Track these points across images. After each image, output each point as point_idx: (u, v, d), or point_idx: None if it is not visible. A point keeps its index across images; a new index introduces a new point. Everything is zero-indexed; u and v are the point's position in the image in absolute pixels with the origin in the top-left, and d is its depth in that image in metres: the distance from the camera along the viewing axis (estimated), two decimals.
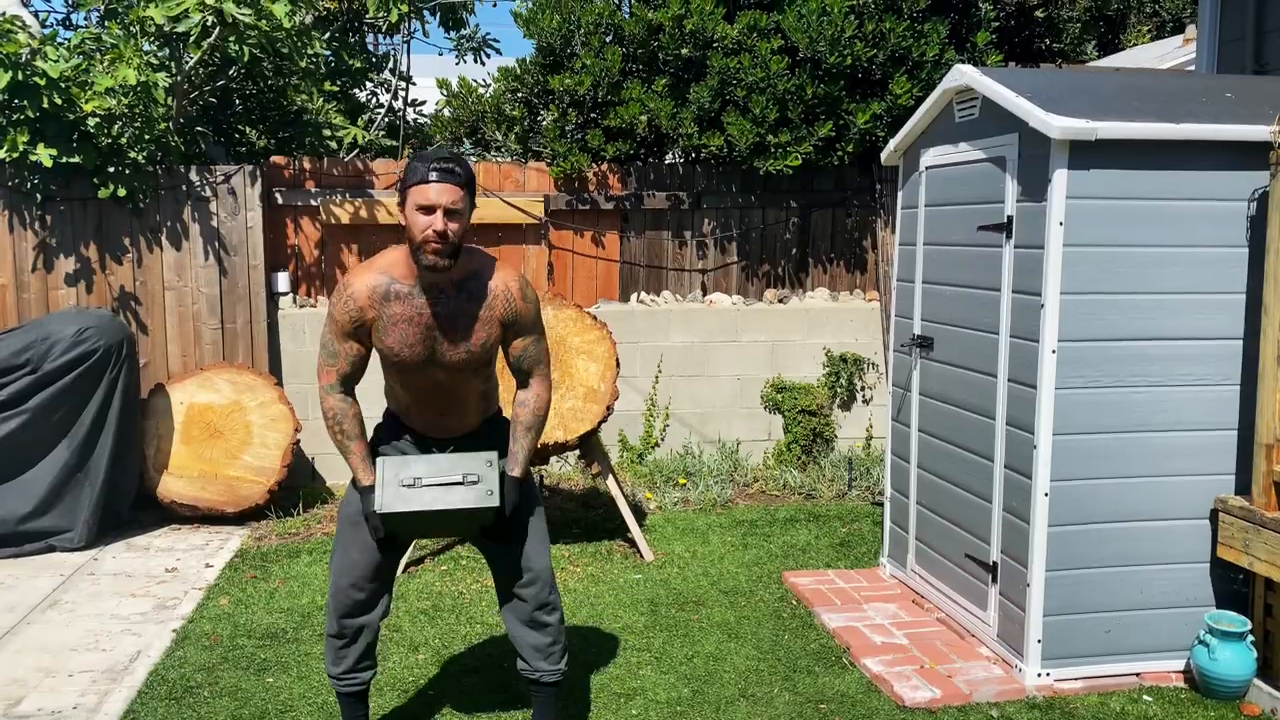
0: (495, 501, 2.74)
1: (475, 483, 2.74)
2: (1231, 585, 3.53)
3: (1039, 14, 7.05)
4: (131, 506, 5.27)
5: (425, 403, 2.86)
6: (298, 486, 5.75)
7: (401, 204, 2.67)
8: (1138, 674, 3.54)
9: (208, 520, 5.33)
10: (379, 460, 2.78)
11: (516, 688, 3.44)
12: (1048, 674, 3.48)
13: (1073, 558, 3.45)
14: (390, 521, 2.75)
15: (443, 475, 2.75)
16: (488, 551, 2.95)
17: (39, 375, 4.89)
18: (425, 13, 6.93)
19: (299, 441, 5.54)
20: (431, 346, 2.73)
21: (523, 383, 2.91)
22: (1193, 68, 5.99)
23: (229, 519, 5.32)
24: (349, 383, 2.81)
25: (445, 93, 8.10)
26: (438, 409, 2.87)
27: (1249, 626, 3.37)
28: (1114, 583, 3.49)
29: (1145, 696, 3.43)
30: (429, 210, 2.60)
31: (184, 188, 5.72)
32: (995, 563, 3.69)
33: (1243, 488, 3.47)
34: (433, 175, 2.61)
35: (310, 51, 5.94)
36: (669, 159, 6.82)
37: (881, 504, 4.71)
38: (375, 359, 2.82)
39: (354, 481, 2.86)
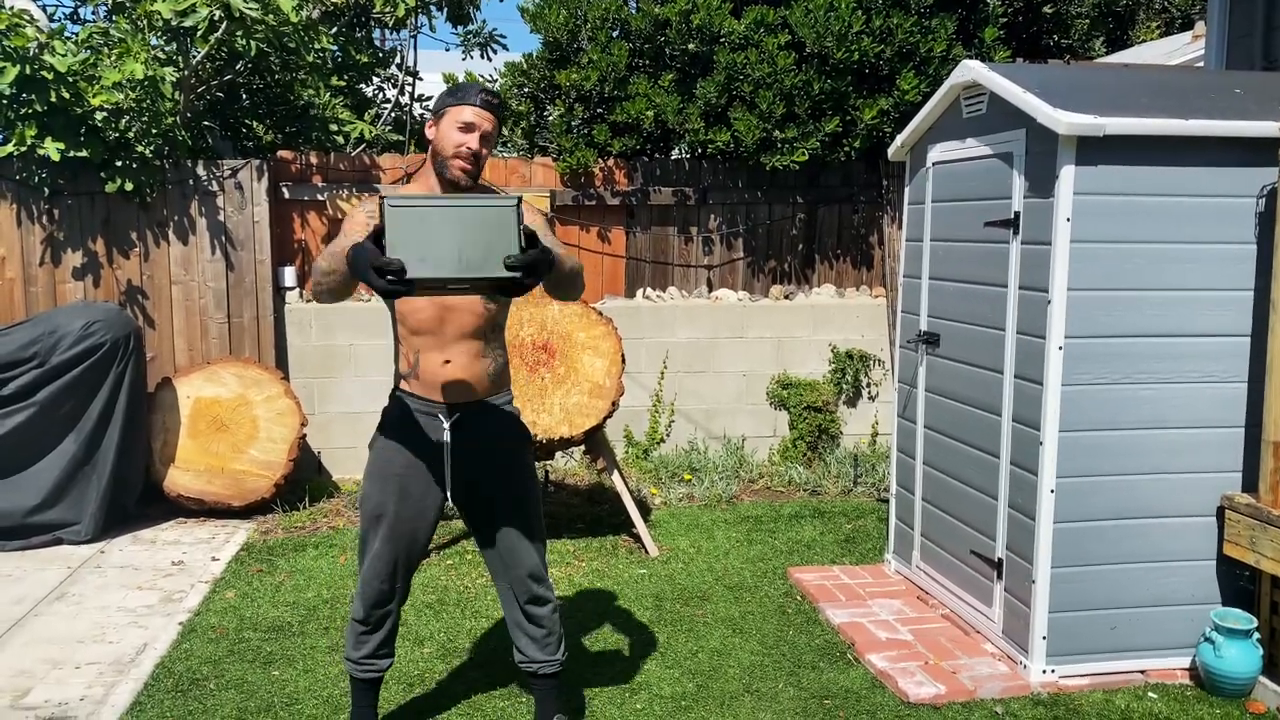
0: (515, 250, 2.32)
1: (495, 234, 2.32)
2: (1238, 583, 3.53)
3: (1047, 10, 7.02)
4: (138, 500, 5.29)
5: (431, 346, 2.79)
6: (304, 481, 5.76)
7: (435, 121, 2.77)
8: (1143, 671, 3.53)
9: (214, 514, 5.34)
10: (387, 206, 2.34)
11: (522, 682, 3.44)
12: (1053, 671, 3.48)
13: (1078, 554, 3.45)
14: (404, 289, 2.33)
15: (460, 221, 2.31)
16: (480, 543, 2.95)
17: (46, 369, 4.90)
18: (432, 8, 6.93)
19: (305, 436, 5.55)
20: None
21: None
22: (1201, 64, 5.97)
23: (235, 513, 5.33)
24: None
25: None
26: (444, 355, 2.79)
27: (1255, 624, 3.36)
28: (1120, 580, 3.49)
29: (1150, 694, 3.43)
30: (469, 129, 2.73)
31: (191, 182, 5.73)
32: (1001, 559, 3.69)
33: (1249, 485, 3.46)
34: (479, 99, 2.75)
35: (317, 46, 5.94)
36: (675, 155, 6.81)
37: (887, 500, 4.71)
38: (383, 339, 2.79)
39: (351, 254, 2.39)
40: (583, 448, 5.06)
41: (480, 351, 2.84)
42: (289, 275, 5.99)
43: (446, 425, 2.82)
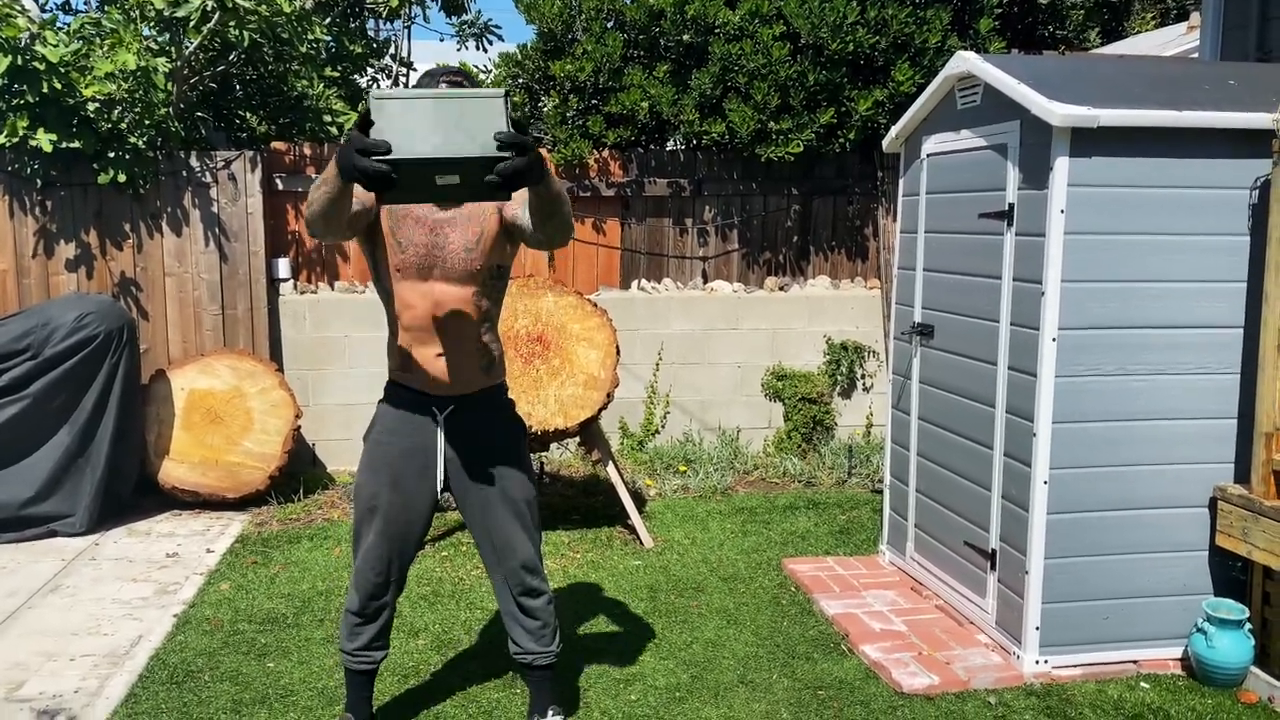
0: (504, 146, 2.25)
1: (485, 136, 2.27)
2: (1230, 573, 3.54)
3: (1042, 1, 7.02)
4: (133, 492, 5.28)
5: (424, 336, 2.79)
6: (299, 473, 5.76)
7: None
8: (1135, 661, 3.55)
9: (209, 506, 5.34)
10: (374, 104, 2.29)
11: (516, 672, 3.45)
12: (1046, 661, 3.49)
13: (1071, 545, 3.46)
14: (389, 171, 2.24)
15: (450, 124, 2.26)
16: (477, 536, 2.95)
17: (40, 361, 4.89)
18: None
19: (300, 428, 5.54)
20: (432, 246, 2.73)
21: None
22: (1196, 55, 5.97)
23: (230, 505, 5.33)
24: None
25: None
26: (437, 346, 2.79)
27: (1247, 614, 3.38)
28: (1112, 570, 3.50)
29: (1143, 684, 3.44)
30: None
31: (184, 173, 5.71)
32: (994, 550, 3.70)
33: (1242, 476, 3.47)
34: (443, 83, 2.74)
35: (311, 37, 5.92)
36: (670, 146, 6.80)
37: (881, 492, 4.72)
38: (379, 333, 2.79)
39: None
40: (578, 439, 5.07)
41: (474, 343, 2.83)
42: (283, 267, 5.98)
43: (441, 417, 2.82)
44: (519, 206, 2.74)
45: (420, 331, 2.80)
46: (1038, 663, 3.49)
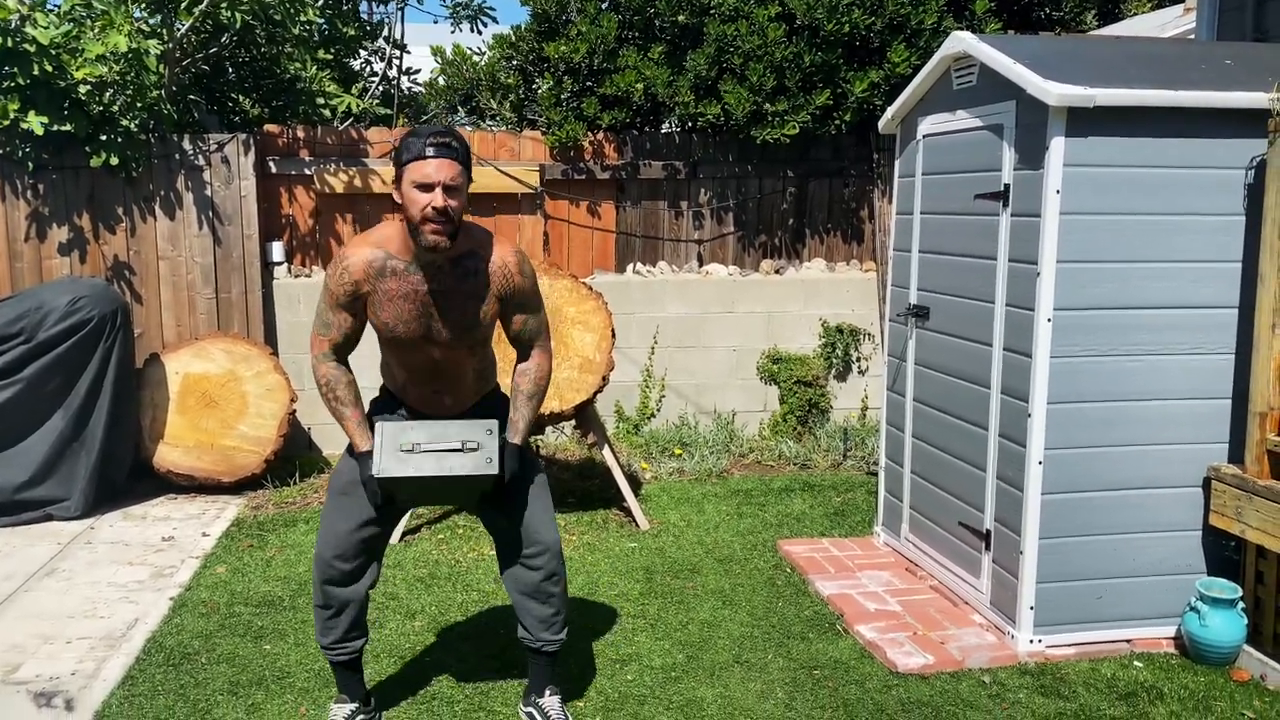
0: (494, 469, 2.74)
1: (475, 449, 2.74)
2: (1223, 553, 3.56)
3: None
4: (128, 476, 5.28)
5: (421, 379, 2.85)
6: (294, 456, 5.76)
7: (397, 182, 2.61)
8: (1129, 640, 3.57)
9: (204, 490, 5.34)
10: (378, 425, 2.77)
11: (512, 654, 3.46)
12: (1040, 640, 3.51)
13: (1066, 525, 3.47)
14: (388, 486, 2.75)
15: (442, 441, 2.74)
16: (491, 523, 2.95)
17: (33, 344, 4.87)
18: None
19: (295, 411, 5.54)
20: (427, 323, 2.72)
21: (524, 355, 2.91)
22: (1193, 37, 5.95)
23: (225, 488, 5.33)
24: (341, 352, 2.80)
25: (440, 61, 8.04)
26: (434, 386, 2.86)
27: (1240, 593, 3.39)
28: (1107, 550, 3.51)
29: (1136, 662, 3.46)
30: (428, 188, 2.55)
31: (177, 156, 5.68)
32: (989, 530, 3.71)
33: (1236, 456, 3.48)
34: (429, 151, 2.55)
35: (303, 19, 5.88)
36: (665, 128, 6.78)
37: (876, 474, 4.73)
38: (370, 334, 2.81)
39: (350, 450, 2.85)
40: (573, 423, 5.06)
41: (470, 377, 2.90)
42: (277, 250, 5.96)
43: None
44: (516, 328, 2.85)
45: (415, 374, 2.86)
46: (1032, 642, 3.50)
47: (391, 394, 2.94)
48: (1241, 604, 3.40)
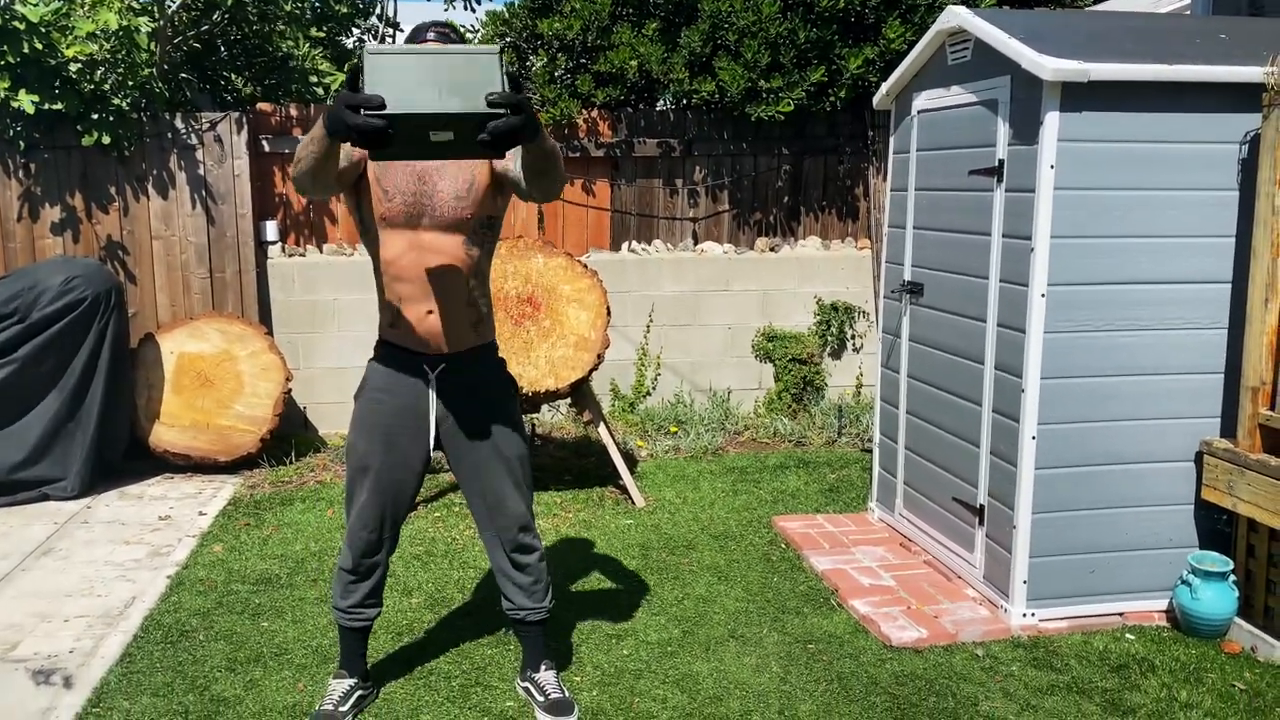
0: (495, 105, 2.23)
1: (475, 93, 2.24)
2: (1215, 526, 3.58)
3: None
4: (124, 456, 5.28)
5: (413, 291, 2.77)
6: (290, 435, 5.76)
7: None
8: (1121, 614, 3.59)
9: (200, 469, 5.35)
10: (368, 59, 2.25)
11: (508, 629, 3.48)
12: (1033, 614, 3.53)
13: (1059, 500, 3.49)
14: (377, 138, 2.21)
15: (439, 75, 2.23)
16: (469, 493, 2.95)
17: (27, 324, 4.87)
18: None
19: (290, 391, 5.54)
20: (421, 199, 2.71)
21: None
22: (1188, 12, 5.93)
23: (222, 468, 5.34)
24: None
25: None
26: (427, 303, 2.77)
27: (1231, 566, 3.42)
28: (1099, 524, 3.53)
29: (1128, 635, 3.49)
30: None
31: (169, 135, 5.66)
32: (982, 506, 3.73)
33: (1228, 430, 3.50)
34: (430, 35, 2.74)
35: None
36: (660, 106, 6.75)
37: (870, 451, 4.75)
38: (368, 314, 2.78)
39: (328, 108, 2.60)
40: (569, 400, 5.08)
41: (464, 301, 2.82)
42: (271, 229, 5.94)
43: (432, 375, 2.82)
44: (511, 159, 2.73)
45: (408, 284, 2.78)
46: (1025, 616, 3.53)
47: (388, 343, 2.88)
48: (1233, 577, 3.42)
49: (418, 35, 2.79)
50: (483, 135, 2.24)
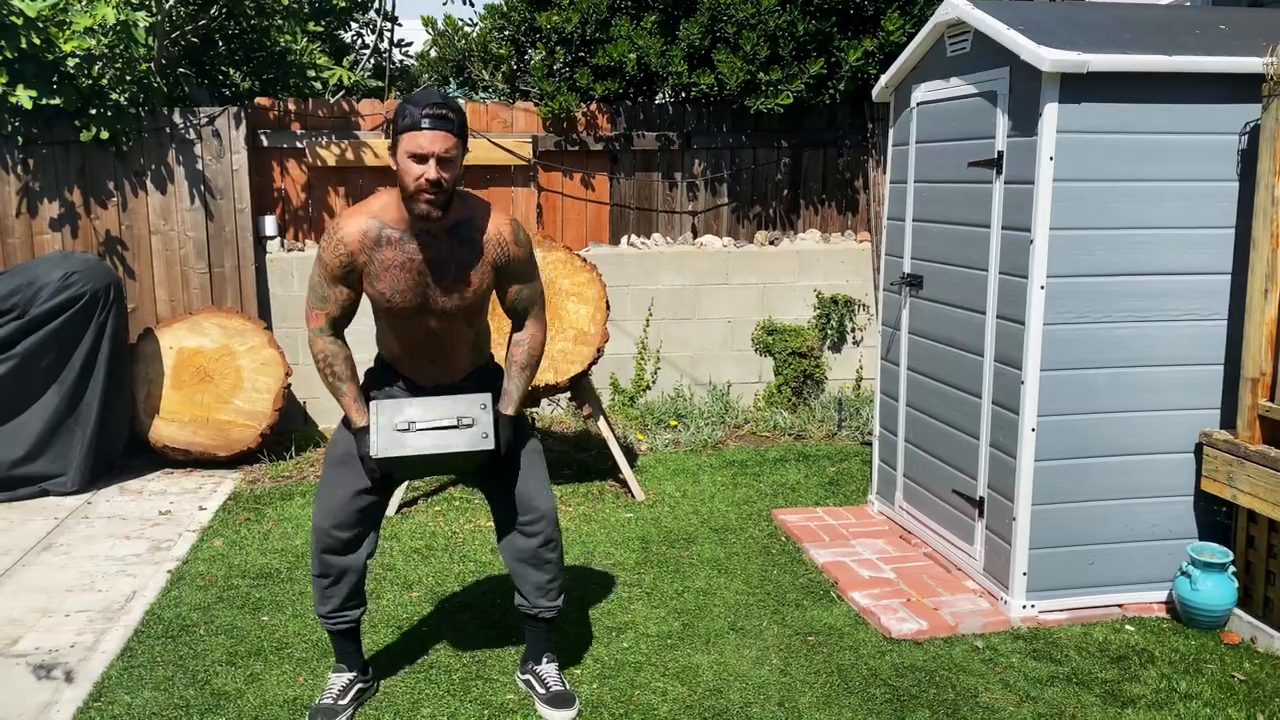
0: (490, 444, 2.76)
1: (470, 425, 2.75)
2: (1214, 517, 3.58)
3: None
4: (124, 451, 5.28)
5: (416, 350, 2.85)
6: (290, 430, 5.76)
7: (392, 150, 2.59)
8: (1120, 605, 3.60)
9: (200, 464, 5.35)
10: (372, 404, 2.78)
11: (509, 623, 3.48)
12: (1032, 606, 3.53)
13: (1058, 492, 3.49)
14: (385, 465, 2.77)
15: (437, 418, 2.75)
16: (487, 491, 2.97)
17: (26, 320, 4.86)
18: None
19: (290, 386, 5.54)
20: (423, 293, 2.71)
21: (518, 324, 2.92)
22: (1188, 2, 5.91)
23: (221, 463, 5.34)
24: (338, 326, 2.79)
25: (431, 32, 7.97)
26: (429, 356, 2.86)
27: (1230, 558, 3.42)
28: (1099, 516, 3.53)
29: (1128, 626, 3.49)
30: (422, 159, 2.52)
31: (168, 130, 5.65)
32: (982, 498, 3.73)
33: (1228, 422, 3.50)
34: (425, 122, 2.51)
35: None
36: (659, 99, 6.74)
37: (870, 443, 4.75)
38: (366, 304, 2.80)
39: (345, 422, 2.85)
40: (569, 395, 5.08)
41: (465, 347, 2.90)
42: (269, 224, 5.94)
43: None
44: (511, 297, 2.85)
45: (410, 345, 2.85)
46: (1024, 607, 3.53)
47: (386, 364, 2.95)
48: (1232, 568, 3.42)
49: (411, 118, 2.53)
50: (481, 460, 2.83)
